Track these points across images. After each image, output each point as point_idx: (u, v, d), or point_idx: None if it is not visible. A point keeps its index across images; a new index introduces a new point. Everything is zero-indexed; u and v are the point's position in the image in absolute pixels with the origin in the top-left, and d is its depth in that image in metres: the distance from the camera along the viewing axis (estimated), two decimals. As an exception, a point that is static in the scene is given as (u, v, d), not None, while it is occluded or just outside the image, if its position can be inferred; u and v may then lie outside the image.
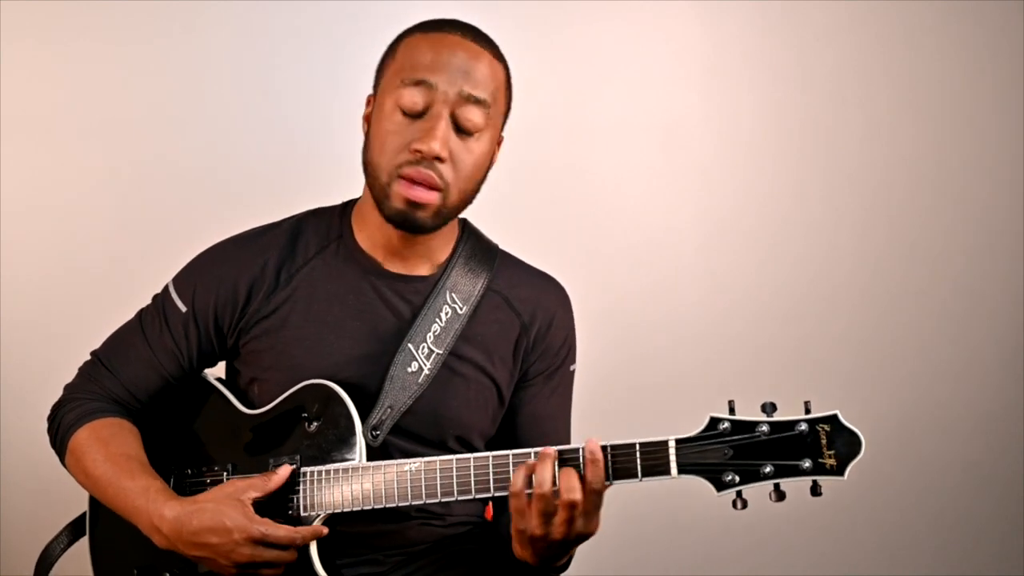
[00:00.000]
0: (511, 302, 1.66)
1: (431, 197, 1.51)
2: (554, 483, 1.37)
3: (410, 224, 1.54)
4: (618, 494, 2.28)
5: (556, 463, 1.39)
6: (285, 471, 1.51)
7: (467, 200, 1.57)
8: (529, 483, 1.39)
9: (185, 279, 1.65)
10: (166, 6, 2.36)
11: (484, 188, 1.60)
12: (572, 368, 1.74)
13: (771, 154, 2.60)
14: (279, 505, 1.53)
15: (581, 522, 1.39)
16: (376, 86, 1.60)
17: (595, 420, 1.48)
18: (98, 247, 2.37)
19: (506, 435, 1.68)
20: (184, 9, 2.37)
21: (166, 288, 1.67)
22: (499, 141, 1.62)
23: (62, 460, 1.65)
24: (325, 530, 1.51)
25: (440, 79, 1.50)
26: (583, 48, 2.53)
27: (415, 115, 1.51)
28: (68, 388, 1.69)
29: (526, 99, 2.48)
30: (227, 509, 1.47)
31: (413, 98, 1.50)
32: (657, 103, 2.56)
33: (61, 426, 1.64)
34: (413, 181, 1.50)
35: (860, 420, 1.38)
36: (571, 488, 1.37)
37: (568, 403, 1.75)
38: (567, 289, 1.74)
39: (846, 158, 2.61)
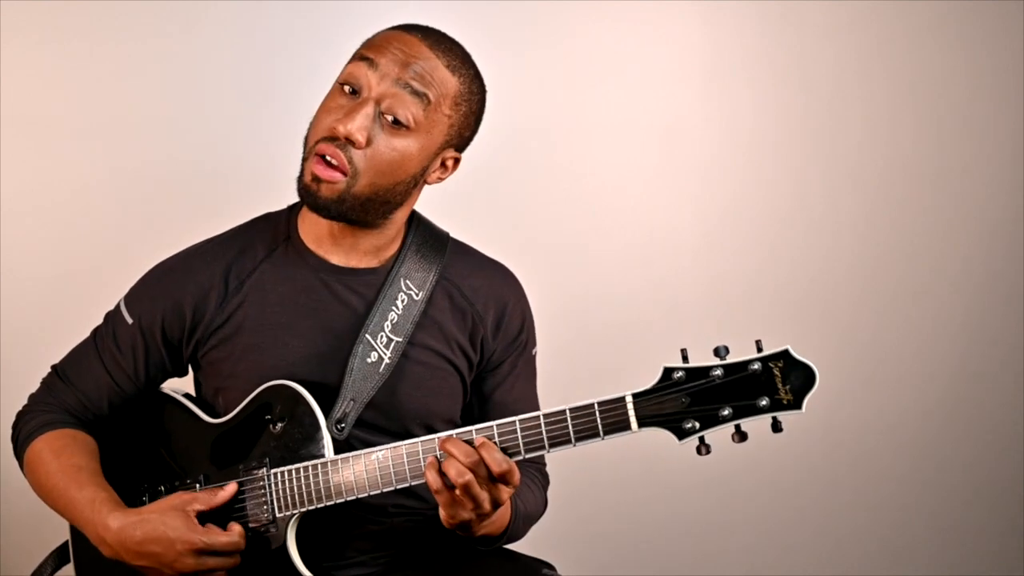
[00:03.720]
0: (464, 292, 1.66)
1: (333, 175, 1.50)
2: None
3: (313, 201, 1.52)
4: (619, 493, 2.27)
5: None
6: (232, 488, 1.54)
7: (381, 196, 1.53)
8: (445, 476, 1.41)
9: (134, 294, 1.66)
10: (165, 6, 2.36)
11: (484, 187, 1.60)
12: (534, 352, 1.74)
13: (771, 154, 2.60)
14: (254, 510, 1.53)
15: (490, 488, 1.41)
16: None
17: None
18: (98, 247, 2.36)
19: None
20: (183, 9, 2.37)
21: (118, 304, 1.67)
22: (453, 160, 1.59)
23: (22, 470, 1.67)
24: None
25: (382, 59, 1.50)
26: (583, 48, 2.53)
27: (351, 93, 1.51)
28: (31, 398, 1.70)
29: (527, 99, 2.50)
30: (170, 520, 1.49)
31: (353, 72, 1.52)
32: (657, 103, 2.56)
33: (20, 436, 1.66)
34: (323, 158, 1.49)
35: (860, 419, 1.39)
36: (469, 453, 1.40)
37: (534, 386, 1.76)
38: (569, 286, 1.74)
39: (846, 158, 2.61)
